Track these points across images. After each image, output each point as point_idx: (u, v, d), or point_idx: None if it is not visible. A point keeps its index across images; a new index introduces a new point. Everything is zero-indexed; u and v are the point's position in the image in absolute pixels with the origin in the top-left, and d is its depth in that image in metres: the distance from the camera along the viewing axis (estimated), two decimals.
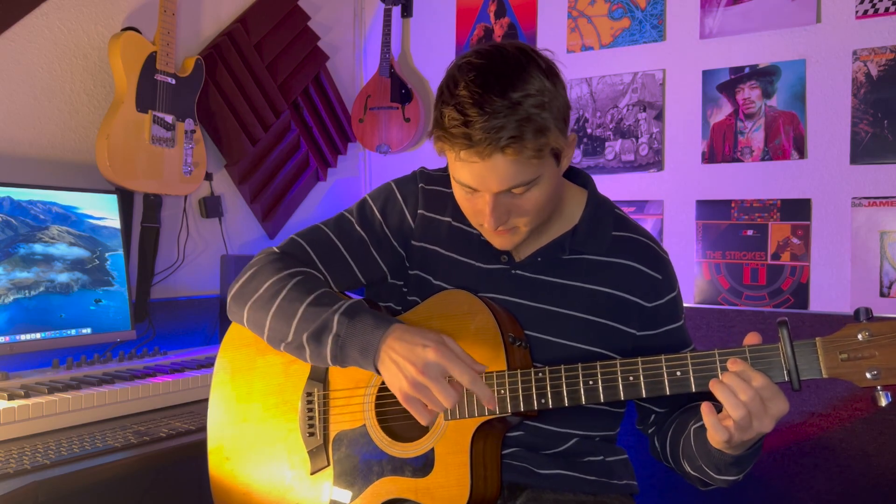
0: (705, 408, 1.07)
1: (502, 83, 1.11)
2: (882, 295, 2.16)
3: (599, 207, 1.34)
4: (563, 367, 1.16)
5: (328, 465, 1.30)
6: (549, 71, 1.16)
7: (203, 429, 1.50)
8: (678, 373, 1.10)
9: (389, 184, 1.41)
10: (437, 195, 1.37)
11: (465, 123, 1.10)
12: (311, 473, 1.31)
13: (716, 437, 1.07)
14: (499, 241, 1.26)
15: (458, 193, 1.24)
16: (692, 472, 1.23)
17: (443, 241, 1.35)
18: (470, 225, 1.32)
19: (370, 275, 1.38)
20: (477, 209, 1.21)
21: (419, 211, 1.36)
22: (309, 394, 1.33)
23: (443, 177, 1.39)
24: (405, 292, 1.38)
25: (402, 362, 1.12)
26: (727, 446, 1.09)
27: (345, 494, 1.27)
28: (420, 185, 1.38)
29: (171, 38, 2.20)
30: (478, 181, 1.16)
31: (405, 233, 1.37)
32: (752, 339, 1.09)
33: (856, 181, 2.22)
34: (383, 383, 1.28)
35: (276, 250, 1.36)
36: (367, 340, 1.16)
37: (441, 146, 1.18)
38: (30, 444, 1.46)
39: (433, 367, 1.10)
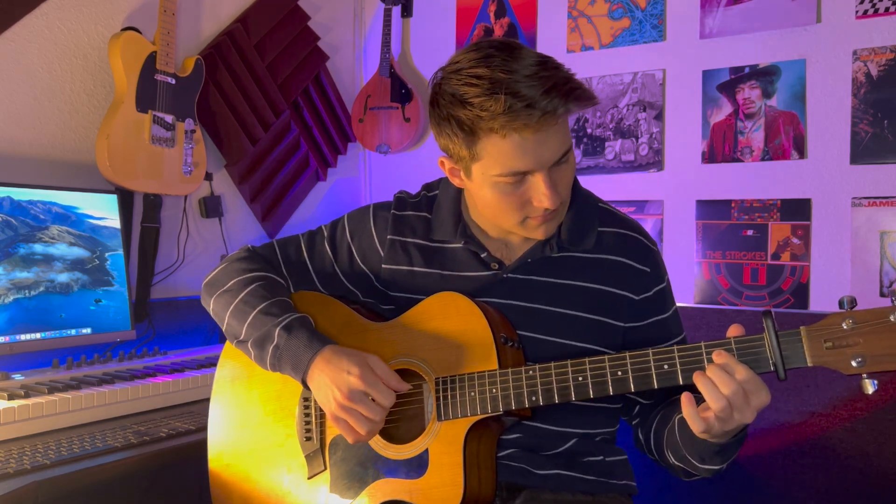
0: (684, 398, 1.08)
1: (515, 56, 1.14)
2: (882, 295, 2.16)
3: (584, 203, 1.35)
4: (552, 364, 1.17)
5: (325, 469, 1.31)
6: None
7: (203, 429, 1.50)
8: (665, 366, 1.11)
9: (368, 207, 1.46)
10: (408, 219, 1.40)
11: (522, 98, 1.10)
12: (309, 478, 1.32)
13: (695, 427, 1.09)
14: (544, 229, 1.26)
15: (496, 194, 1.21)
16: (676, 463, 1.24)
17: (416, 260, 1.37)
18: (449, 241, 1.34)
19: (333, 290, 1.44)
20: (524, 199, 1.21)
21: (388, 236, 1.40)
22: (306, 399, 1.34)
23: (415, 202, 1.42)
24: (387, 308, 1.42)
25: (329, 385, 1.21)
26: (708, 436, 1.10)
27: (342, 498, 1.28)
28: (392, 212, 1.41)
29: (171, 38, 2.20)
30: (534, 159, 1.16)
31: (373, 257, 1.41)
32: (735, 330, 1.10)
33: (856, 181, 2.22)
34: None
35: (251, 249, 1.46)
36: (298, 357, 1.25)
37: (484, 145, 1.16)
38: (30, 444, 1.46)
39: (356, 392, 1.19)
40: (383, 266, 1.39)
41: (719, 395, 1.04)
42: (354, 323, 1.35)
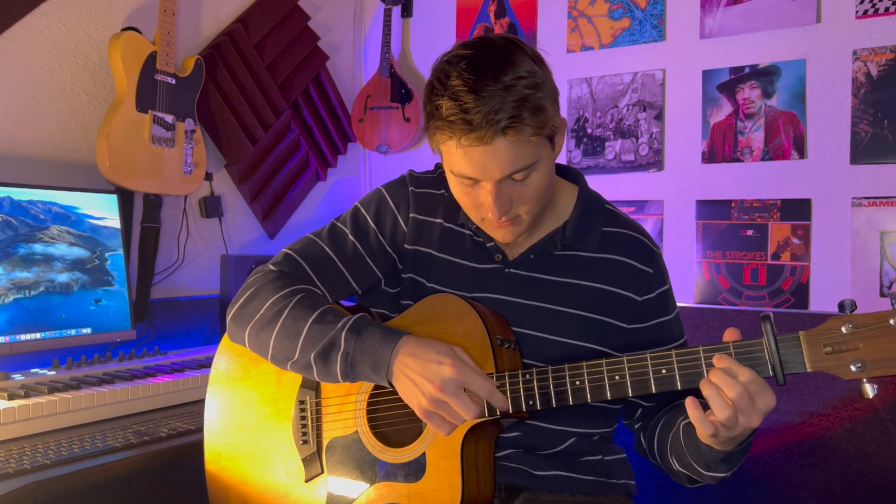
0: (690, 402, 1.07)
1: (493, 68, 1.13)
2: (882, 295, 2.16)
3: (590, 203, 1.34)
4: (549, 367, 1.16)
5: (322, 472, 1.30)
6: (536, 57, 1.19)
7: (203, 429, 1.50)
8: (663, 370, 1.10)
9: (379, 189, 1.41)
10: (428, 197, 1.38)
11: (463, 110, 1.11)
12: (306, 481, 1.31)
13: (702, 431, 1.07)
14: (501, 234, 1.26)
15: (457, 189, 1.24)
16: (680, 469, 1.23)
17: (435, 242, 1.35)
18: (462, 225, 1.33)
19: (365, 284, 1.39)
20: (478, 202, 1.21)
21: (411, 215, 1.37)
22: (301, 401, 1.34)
23: (431, 178, 1.39)
24: (399, 297, 1.38)
25: (418, 379, 1.13)
26: (715, 441, 1.09)
27: (339, 501, 1.28)
28: (411, 189, 1.38)
29: (171, 38, 2.20)
30: (479, 170, 1.16)
31: (398, 238, 1.37)
32: (731, 335, 1.09)
33: (856, 181, 2.22)
34: (374, 388, 1.28)
35: (273, 268, 1.35)
36: (377, 356, 1.17)
37: (438, 139, 1.19)
38: (30, 444, 1.46)
39: (451, 382, 1.12)
40: (406, 246, 1.37)
41: (724, 401, 1.03)
42: None
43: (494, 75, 1.12)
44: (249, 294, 1.32)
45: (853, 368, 1.01)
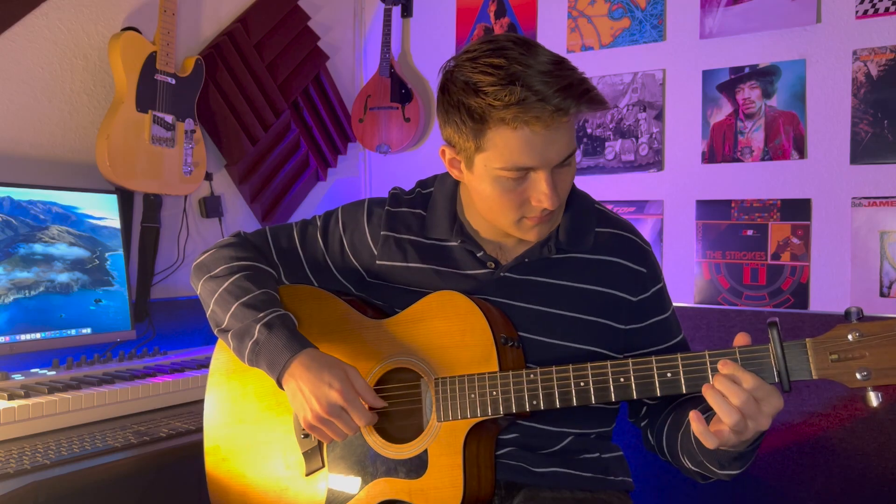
0: (693, 416, 1.06)
1: (531, 52, 1.14)
2: (882, 295, 2.16)
3: (581, 204, 1.34)
4: (554, 368, 1.16)
5: (323, 466, 1.30)
6: None
7: (203, 428, 1.50)
8: (668, 374, 1.10)
9: (364, 202, 1.45)
10: (403, 216, 1.39)
11: (536, 92, 1.10)
12: (307, 475, 1.31)
13: (707, 444, 1.07)
14: (538, 231, 1.25)
15: (497, 190, 1.20)
16: (692, 468, 1.23)
17: (412, 256, 1.36)
18: (446, 240, 1.33)
19: (324, 283, 1.44)
20: (523, 198, 1.20)
21: (382, 232, 1.39)
22: None
23: (412, 200, 1.41)
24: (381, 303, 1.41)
25: (308, 395, 1.20)
26: (723, 447, 1.09)
27: (340, 496, 1.28)
28: (386, 208, 1.40)
29: (171, 38, 2.20)
30: (540, 156, 1.15)
31: (364, 253, 1.40)
32: (741, 339, 1.09)
33: (856, 181, 2.22)
34: (376, 385, 1.29)
35: (241, 235, 1.46)
36: (276, 357, 1.24)
37: (491, 136, 1.15)
38: (30, 444, 1.46)
39: (336, 407, 1.20)
40: (377, 262, 1.38)
41: (731, 407, 1.03)
42: (351, 320, 1.35)
43: (539, 57, 1.13)
44: (213, 251, 1.42)
45: (859, 377, 1.00)
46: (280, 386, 1.26)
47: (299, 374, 1.22)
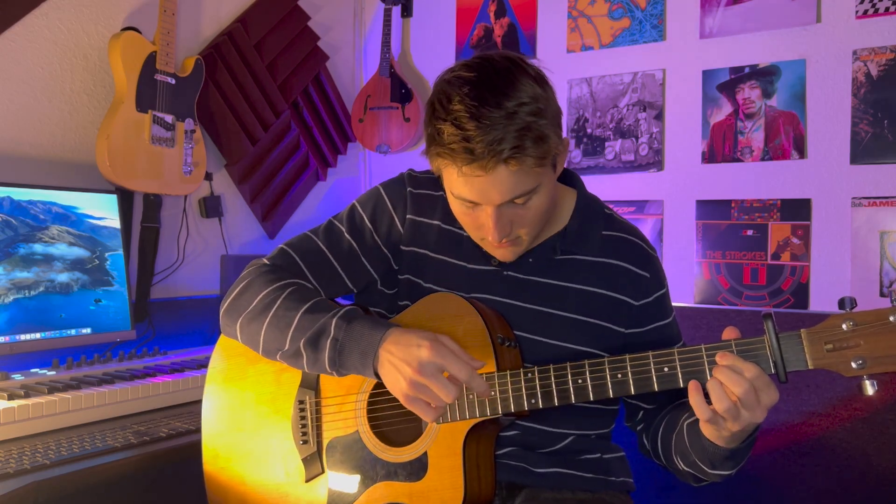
0: (692, 385, 1.07)
1: (496, 94, 1.11)
2: (882, 295, 2.16)
3: (588, 207, 1.34)
4: (551, 366, 1.16)
5: (323, 472, 1.30)
6: (539, 77, 1.17)
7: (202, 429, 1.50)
8: (665, 369, 1.10)
9: (377, 188, 1.40)
10: (426, 198, 1.37)
11: (465, 138, 1.10)
12: (306, 481, 1.31)
13: (701, 415, 1.07)
14: (501, 253, 1.27)
15: (458, 209, 1.24)
16: (685, 469, 1.24)
17: (432, 244, 1.35)
18: (460, 227, 1.32)
19: (359, 282, 1.39)
20: (479, 223, 1.21)
21: (408, 216, 1.36)
22: (301, 401, 1.33)
23: (430, 179, 1.38)
24: (396, 297, 1.38)
25: (399, 364, 1.12)
26: (718, 436, 1.09)
27: (340, 501, 1.28)
28: (409, 190, 1.37)
29: (171, 37, 2.20)
30: (480, 195, 1.16)
31: (394, 239, 1.37)
32: (730, 333, 1.09)
33: (856, 181, 2.22)
34: (375, 388, 1.28)
35: (266, 262, 1.36)
36: (366, 344, 1.16)
37: (440, 163, 1.18)
38: (30, 444, 1.46)
39: (428, 365, 1.10)
40: (402, 247, 1.36)
41: (725, 396, 1.03)
42: None
43: (497, 101, 1.10)
44: (242, 287, 1.32)
45: (854, 365, 1.02)
46: (377, 374, 1.17)
47: (391, 351, 1.13)
